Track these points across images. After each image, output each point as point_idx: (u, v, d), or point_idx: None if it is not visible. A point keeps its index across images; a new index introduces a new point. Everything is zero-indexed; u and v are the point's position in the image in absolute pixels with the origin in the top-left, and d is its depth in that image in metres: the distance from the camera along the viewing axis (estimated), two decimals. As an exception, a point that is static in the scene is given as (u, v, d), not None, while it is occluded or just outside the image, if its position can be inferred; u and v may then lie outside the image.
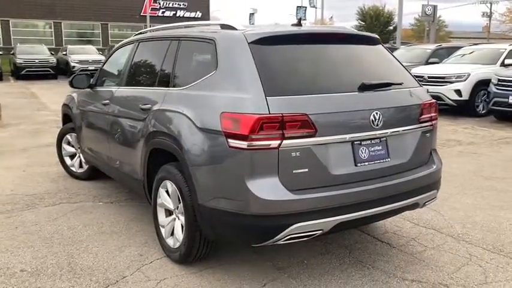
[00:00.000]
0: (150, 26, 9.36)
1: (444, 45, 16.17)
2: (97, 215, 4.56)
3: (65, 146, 5.94)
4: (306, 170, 2.84)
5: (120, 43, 4.91)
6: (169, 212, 3.65)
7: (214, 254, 3.50)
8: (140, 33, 4.60)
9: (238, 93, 2.91)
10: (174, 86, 3.57)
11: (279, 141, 2.76)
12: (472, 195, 5.23)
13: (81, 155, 5.72)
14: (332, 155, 2.93)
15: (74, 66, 23.24)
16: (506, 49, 11.95)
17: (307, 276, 3.35)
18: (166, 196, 3.58)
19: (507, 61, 11.39)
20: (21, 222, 4.38)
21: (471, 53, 12.83)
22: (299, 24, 3.57)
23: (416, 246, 3.83)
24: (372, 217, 3.11)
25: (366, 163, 3.06)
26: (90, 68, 22.58)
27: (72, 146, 5.90)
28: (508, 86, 10.04)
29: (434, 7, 27.03)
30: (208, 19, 37.07)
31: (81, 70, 22.11)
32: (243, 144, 2.76)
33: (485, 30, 53.35)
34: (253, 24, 27.90)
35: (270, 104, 2.77)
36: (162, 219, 3.67)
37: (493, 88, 10.37)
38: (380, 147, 3.13)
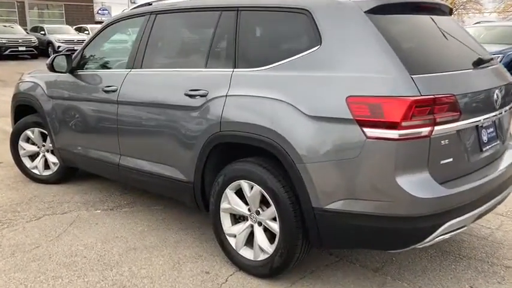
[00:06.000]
0: None
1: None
2: (107, 227, 3.74)
3: (23, 144, 4.85)
4: (451, 159, 2.48)
5: (116, 17, 4.03)
6: (239, 218, 3.06)
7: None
8: (148, 3, 3.78)
9: (369, 72, 2.43)
10: (243, 67, 2.94)
11: (430, 128, 2.34)
12: None
13: (46, 154, 4.72)
14: (466, 140, 2.60)
15: (59, 47, 22.30)
16: None
17: (410, 274, 3.01)
18: (238, 199, 2.98)
19: None
20: (12, 245, 3.42)
21: None
22: None
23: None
24: (493, 206, 2.85)
25: (488, 147, 2.79)
26: (76, 47, 21.03)
27: (34, 144, 4.84)
28: None
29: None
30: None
31: (67, 50, 21.53)
32: (390, 133, 2.30)
33: None
34: None
35: (418, 83, 2.34)
36: (229, 227, 3.07)
37: None
38: (492, 129, 2.87)
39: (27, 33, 24.05)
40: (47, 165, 4.82)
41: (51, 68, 4.04)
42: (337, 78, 2.50)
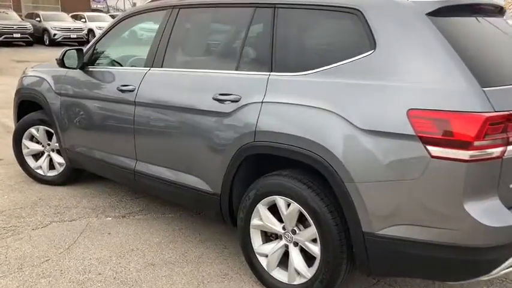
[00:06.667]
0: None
1: None
2: (120, 237, 3.46)
3: (26, 142, 4.54)
4: (519, 182, 2.21)
5: (132, 10, 3.71)
6: (270, 236, 2.79)
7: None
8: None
9: (434, 82, 2.15)
10: (281, 70, 2.65)
11: (502, 148, 2.08)
12: None
13: (51, 153, 4.43)
14: None
15: (55, 34, 22.08)
16: None
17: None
18: (271, 216, 2.71)
19: None
20: (19, 257, 3.14)
21: None
22: None
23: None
24: None
25: None
26: (73, 36, 22.45)
27: (38, 143, 4.54)
28: None
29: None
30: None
31: (64, 38, 22.21)
32: (460, 154, 2.04)
33: None
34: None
35: (490, 97, 2.07)
36: (260, 246, 2.80)
37: None
38: None
39: (22, 19, 23.57)
40: (51, 166, 4.52)
41: (62, 63, 3.72)
42: (396, 88, 2.22)
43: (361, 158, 2.25)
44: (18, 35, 21.39)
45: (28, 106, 4.53)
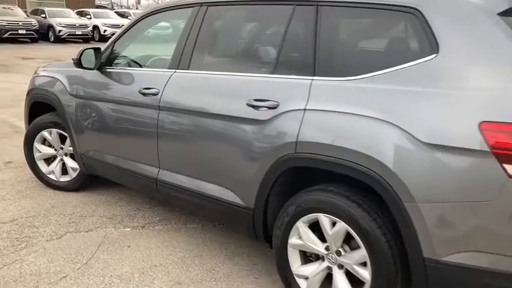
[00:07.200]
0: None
1: None
2: (141, 251, 3.23)
3: (38, 146, 4.31)
4: None
5: (155, 7, 3.46)
6: (310, 256, 2.55)
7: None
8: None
9: (510, 90, 1.90)
10: (325, 75, 2.41)
11: None
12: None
13: (64, 158, 4.20)
14: None
15: (60, 31, 22.13)
16: None
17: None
18: (313, 235, 2.47)
19: None
20: (34, 273, 2.91)
21: None
22: None
23: None
24: None
25: None
26: (78, 32, 22.60)
27: (51, 147, 4.30)
28: None
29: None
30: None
31: (69, 35, 22.35)
32: (544, 174, 1.79)
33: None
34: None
35: None
36: (299, 267, 2.56)
37: None
38: None
39: (27, 15, 23.37)
40: (64, 171, 4.29)
41: (79, 63, 3.48)
42: (465, 97, 1.97)
43: (424, 175, 2.01)
44: (23, 32, 21.25)
45: (39, 107, 4.30)
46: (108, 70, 3.58)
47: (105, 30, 23.76)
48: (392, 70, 2.18)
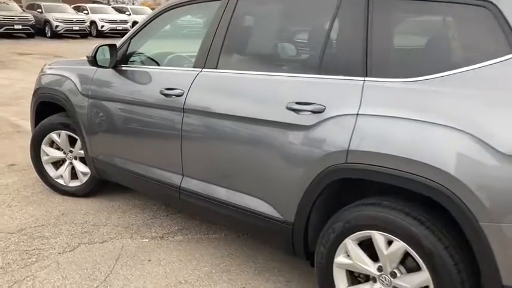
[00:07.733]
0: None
1: None
2: (163, 266, 2.98)
3: (46, 148, 4.04)
4: None
5: (174, 2, 3.18)
6: (358, 276, 2.30)
7: None
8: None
9: None
10: (380, 75, 2.15)
11: None
12: None
13: (74, 161, 3.93)
14: None
15: (57, 26, 21.84)
16: None
17: None
18: (363, 254, 2.22)
19: None
20: (50, 293, 2.65)
21: None
22: None
23: None
24: None
25: None
26: (75, 28, 22.29)
27: (60, 149, 4.03)
28: None
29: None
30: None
31: (66, 30, 22.07)
32: None
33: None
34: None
35: None
36: (346, 288, 2.31)
37: None
38: None
39: (23, 10, 22.97)
40: (73, 175, 4.02)
41: (94, 61, 3.21)
42: None
43: (504, 191, 1.76)
44: (20, 27, 20.91)
45: (46, 108, 4.03)
46: (124, 68, 3.31)
47: (102, 26, 23.42)
48: (463, 71, 1.93)
